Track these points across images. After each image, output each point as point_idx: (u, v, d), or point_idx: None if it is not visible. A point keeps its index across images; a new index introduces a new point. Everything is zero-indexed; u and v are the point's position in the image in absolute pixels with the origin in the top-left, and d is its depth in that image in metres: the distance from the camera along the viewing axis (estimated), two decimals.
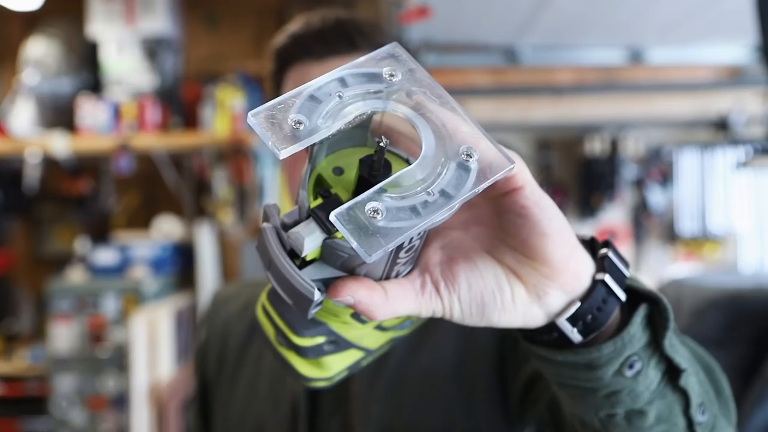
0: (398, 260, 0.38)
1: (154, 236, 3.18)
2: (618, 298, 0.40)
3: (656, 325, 0.41)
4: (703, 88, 3.32)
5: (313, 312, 0.38)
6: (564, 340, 0.41)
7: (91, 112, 3.09)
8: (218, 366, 0.81)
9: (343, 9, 3.42)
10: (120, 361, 2.87)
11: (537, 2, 2.44)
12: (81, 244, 3.18)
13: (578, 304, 0.39)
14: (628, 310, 0.42)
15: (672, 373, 0.43)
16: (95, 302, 2.89)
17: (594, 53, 3.20)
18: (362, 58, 0.37)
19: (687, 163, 3.52)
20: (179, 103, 3.12)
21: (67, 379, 2.89)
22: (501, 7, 2.50)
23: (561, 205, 3.78)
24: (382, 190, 0.33)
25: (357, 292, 0.35)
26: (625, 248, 3.62)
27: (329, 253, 0.37)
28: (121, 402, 2.88)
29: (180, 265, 3.29)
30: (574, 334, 0.40)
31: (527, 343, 0.43)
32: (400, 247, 0.36)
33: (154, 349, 2.78)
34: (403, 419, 0.70)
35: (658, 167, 3.55)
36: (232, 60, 3.52)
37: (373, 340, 0.48)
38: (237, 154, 2.97)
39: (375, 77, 0.37)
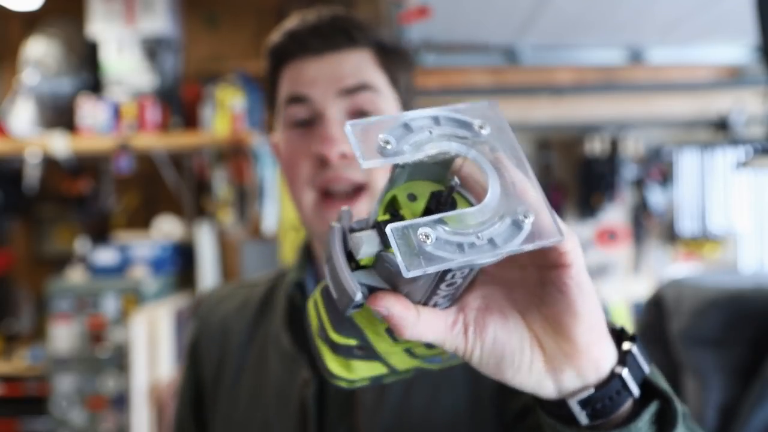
0: (438, 291, 0.40)
1: (154, 236, 3.19)
2: (632, 393, 0.41)
3: (664, 423, 0.42)
4: (703, 88, 3.32)
5: (350, 311, 0.42)
6: (571, 417, 0.42)
7: (91, 112, 3.09)
8: (217, 367, 0.79)
9: (341, 7, 3.42)
10: (120, 361, 2.87)
11: (537, 2, 2.44)
12: (81, 244, 3.19)
13: (592, 390, 0.41)
14: (640, 402, 0.43)
15: None
16: (95, 302, 2.89)
17: (594, 53, 3.20)
18: (461, 105, 0.41)
19: (687, 163, 3.52)
20: (179, 103, 3.13)
21: (67, 379, 2.89)
22: (501, 7, 2.50)
23: (560, 205, 3.77)
24: (440, 221, 0.37)
25: (393, 306, 0.38)
26: (625, 248, 3.62)
27: (380, 264, 0.40)
28: (121, 402, 2.88)
29: (180, 265, 3.29)
30: (582, 417, 0.41)
31: (540, 410, 0.44)
32: (441, 280, 0.39)
33: (153, 349, 2.78)
34: (411, 425, 0.70)
35: (658, 167, 3.56)
36: (232, 60, 3.52)
37: (400, 360, 0.51)
38: (237, 154, 2.97)
39: (466, 125, 0.41)
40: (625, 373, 0.41)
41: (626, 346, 0.43)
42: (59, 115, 3.20)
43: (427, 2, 2.05)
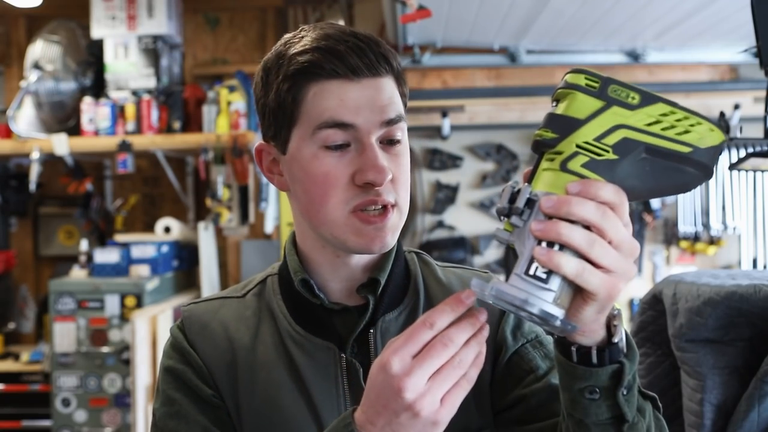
0: None
1: (155, 236, 3.20)
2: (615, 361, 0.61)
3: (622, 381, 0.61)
4: (701, 89, 3.32)
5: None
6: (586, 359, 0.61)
7: (93, 113, 3.10)
8: (231, 368, 0.79)
9: (344, 10, 3.42)
10: (121, 359, 2.89)
11: (535, 5, 2.45)
12: (83, 244, 3.20)
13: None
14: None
15: (619, 421, 0.62)
16: (97, 302, 2.91)
17: (592, 57, 3.21)
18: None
19: None
20: (180, 104, 3.14)
21: (68, 377, 2.91)
22: (500, 10, 2.51)
23: None
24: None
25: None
26: None
27: None
28: (122, 400, 2.90)
29: (180, 264, 3.30)
30: (573, 354, 0.61)
31: (559, 349, 0.63)
32: None
33: (155, 348, 2.79)
34: None
35: None
36: (233, 61, 3.53)
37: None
38: (237, 155, 2.98)
39: None
40: (618, 339, 0.61)
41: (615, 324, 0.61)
42: (62, 115, 3.21)
43: (428, 6, 2.06)
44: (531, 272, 0.53)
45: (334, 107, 0.71)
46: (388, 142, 0.74)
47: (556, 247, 0.53)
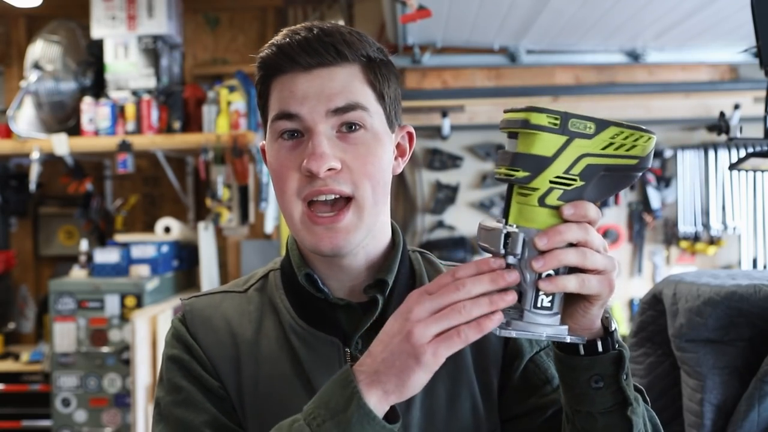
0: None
1: (155, 236, 3.20)
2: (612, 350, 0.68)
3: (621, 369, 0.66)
4: (701, 89, 3.32)
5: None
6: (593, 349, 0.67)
7: (93, 113, 3.10)
8: (235, 364, 0.79)
9: (344, 10, 3.43)
10: (121, 359, 2.89)
11: (535, 5, 2.45)
12: (83, 244, 3.20)
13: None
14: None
15: (623, 405, 0.66)
16: (97, 302, 2.91)
17: (592, 57, 3.20)
18: None
19: (687, 164, 3.53)
20: (180, 104, 3.13)
21: (68, 377, 2.91)
22: (500, 10, 2.51)
23: None
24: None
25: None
26: (625, 248, 3.63)
27: None
28: (122, 400, 2.90)
29: (180, 264, 3.30)
30: (581, 348, 0.67)
31: (560, 347, 0.68)
32: None
33: (155, 348, 2.79)
34: (437, 423, 0.77)
35: (658, 167, 3.57)
36: (233, 61, 3.53)
37: None
38: (237, 155, 2.98)
39: None
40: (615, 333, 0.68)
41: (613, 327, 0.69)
42: (62, 115, 3.21)
43: (427, 4, 2.06)
44: (539, 305, 0.61)
45: (284, 98, 0.74)
46: (347, 130, 0.74)
47: (551, 272, 0.61)
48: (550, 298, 0.61)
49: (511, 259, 0.61)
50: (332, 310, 0.79)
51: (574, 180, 0.61)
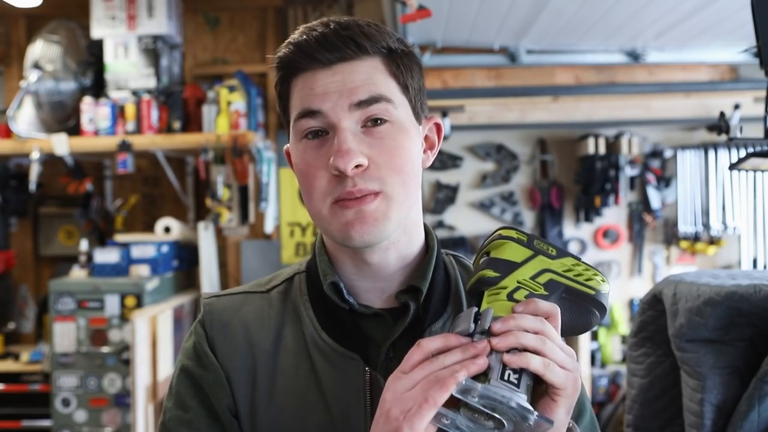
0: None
1: (155, 236, 3.20)
2: None
3: None
4: (701, 89, 3.32)
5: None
6: None
7: (93, 113, 3.10)
8: (251, 374, 0.76)
9: (344, 10, 3.42)
10: (121, 359, 2.89)
11: (535, 5, 2.45)
12: (83, 244, 3.20)
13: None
14: None
15: None
16: (97, 301, 2.91)
17: (592, 57, 3.20)
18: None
19: (687, 164, 3.53)
20: (180, 104, 3.14)
21: (68, 377, 2.91)
22: (500, 10, 2.51)
23: (560, 206, 3.76)
24: None
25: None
26: (625, 248, 3.64)
27: None
28: (122, 400, 2.90)
29: (180, 264, 3.30)
30: None
31: None
32: None
33: (155, 348, 2.79)
34: None
35: (658, 167, 3.57)
36: (233, 61, 3.53)
37: None
38: (237, 154, 2.98)
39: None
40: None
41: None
42: (62, 115, 3.21)
43: (427, 4, 2.06)
44: (505, 378, 0.62)
45: (305, 96, 0.72)
46: (372, 124, 0.71)
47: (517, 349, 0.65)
48: (516, 375, 0.62)
49: (477, 337, 0.64)
50: (358, 320, 0.76)
51: (539, 287, 0.69)
